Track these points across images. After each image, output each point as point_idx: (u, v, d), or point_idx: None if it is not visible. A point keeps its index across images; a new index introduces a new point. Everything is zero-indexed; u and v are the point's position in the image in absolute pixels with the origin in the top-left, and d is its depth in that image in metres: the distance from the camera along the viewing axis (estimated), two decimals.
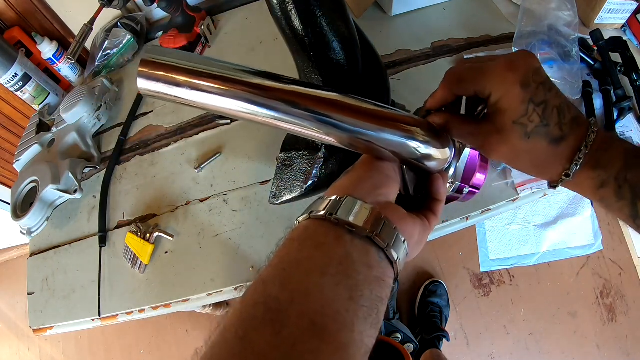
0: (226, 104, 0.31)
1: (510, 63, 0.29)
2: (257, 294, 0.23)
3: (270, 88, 0.31)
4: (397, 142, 0.31)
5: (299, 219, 0.29)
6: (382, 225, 0.27)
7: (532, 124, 0.28)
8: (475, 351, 1.30)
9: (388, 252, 0.26)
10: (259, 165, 0.64)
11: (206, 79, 0.30)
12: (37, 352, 1.65)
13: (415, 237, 0.30)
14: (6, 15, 0.74)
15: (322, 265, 0.24)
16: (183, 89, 0.30)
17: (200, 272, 0.59)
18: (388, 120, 0.31)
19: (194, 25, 0.75)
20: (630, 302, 1.30)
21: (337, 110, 0.31)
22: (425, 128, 0.32)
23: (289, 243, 0.27)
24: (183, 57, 0.31)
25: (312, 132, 0.32)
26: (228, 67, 0.31)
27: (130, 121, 0.74)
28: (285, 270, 0.24)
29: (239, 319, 0.22)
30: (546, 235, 1.33)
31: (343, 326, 0.22)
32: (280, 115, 0.31)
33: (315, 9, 0.37)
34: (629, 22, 0.64)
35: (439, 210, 0.34)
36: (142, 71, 0.31)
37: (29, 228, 0.67)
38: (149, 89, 0.31)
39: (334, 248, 0.25)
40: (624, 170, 0.28)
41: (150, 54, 0.31)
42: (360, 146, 0.33)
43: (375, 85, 0.50)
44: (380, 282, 0.25)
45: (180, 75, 0.30)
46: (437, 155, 0.32)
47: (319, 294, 0.23)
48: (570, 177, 0.29)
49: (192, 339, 1.48)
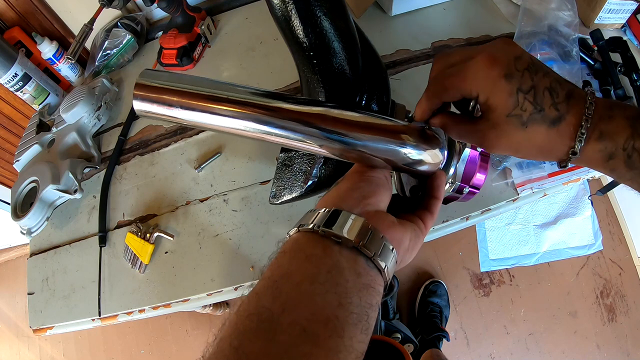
0: (216, 122, 0.33)
1: (489, 57, 0.28)
2: (251, 305, 0.24)
3: (256, 104, 0.32)
4: (387, 150, 0.32)
5: (289, 233, 0.30)
6: (369, 235, 0.27)
7: (526, 112, 0.28)
8: (475, 351, 1.30)
9: (375, 261, 0.27)
10: (259, 165, 0.64)
11: (196, 99, 0.33)
12: (37, 352, 1.65)
13: (405, 244, 0.30)
14: (6, 15, 0.74)
15: (312, 275, 0.25)
16: (176, 109, 0.33)
17: (200, 272, 0.59)
18: (376, 129, 0.32)
19: (194, 25, 0.75)
20: (630, 302, 1.30)
21: (323, 123, 0.32)
22: (415, 134, 0.32)
23: (280, 256, 0.28)
24: (175, 79, 0.34)
25: (301, 144, 0.33)
26: (216, 86, 0.33)
27: (130, 121, 0.74)
28: (276, 282, 0.25)
29: (234, 330, 0.23)
30: (546, 235, 1.33)
31: (333, 332, 0.23)
32: (268, 130, 0.33)
33: (315, 9, 0.37)
34: (629, 22, 0.64)
35: (436, 209, 0.34)
36: (137, 94, 0.33)
37: (29, 228, 0.67)
38: (144, 110, 0.34)
39: (323, 258, 0.26)
40: (631, 138, 0.27)
41: (144, 77, 0.33)
42: (350, 156, 0.33)
43: (376, 86, 0.50)
44: (370, 289, 0.26)
45: (173, 96, 0.33)
46: (429, 160, 0.32)
47: (309, 302, 0.23)
48: (577, 154, 0.29)
49: (192, 339, 1.48)
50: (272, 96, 0.34)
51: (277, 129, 0.33)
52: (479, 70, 0.28)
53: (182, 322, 1.50)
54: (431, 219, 0.33)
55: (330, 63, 0.41)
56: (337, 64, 0.41)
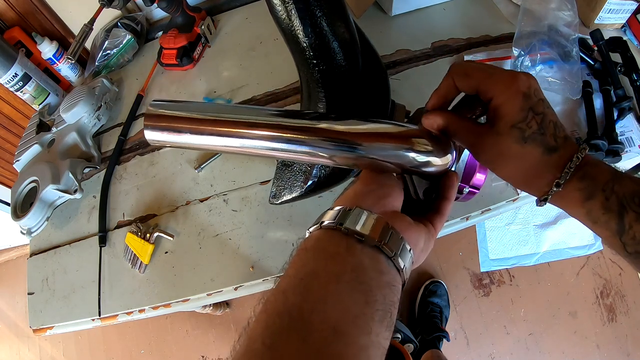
0: (224, 143, 0.35)
1: (515, 75, 0.30)
2: (279, 303, 0.25)
3: (260, 124, 0.34)
4: (398, 155, 0.32)
5: (310, 230, 0.30)
6: (390, 235, 0.28)
7: (529, 129, 0.29)
8: (475, 351, 1.30)
9: (395, 261, 0.27)
10: (259, 165, 0.64)
11: (203, 124, 0.35)
12: (37, 352, 1.65)
13: (420, 245, 0.31)
14: (6, 15, 0.74)
15: (337, 274, 0.26)
16: (185, 134, 0.35)
17: (200, 272, 0.59)
18: (385, 137, 0.32)
19: (194, 25, 0.75)
20: (630, 302, 1.30)
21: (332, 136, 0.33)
22: (427, 138, 0.32)
23: (303, 253, 0.28)
24: (182, 107, 0.36)
25: (310, 158, 0.34)
26: (221, 110, 0.35)
27: (130, 121, 0.74)
28: (302, 280, 0.26)
29: (265, 329, 0.24)
30: (546, 235, 1.33)
31: (362, 330, 0.23)
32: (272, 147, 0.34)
33: (315, 9, 0.37)
34: (629, 22, 0.64)
35: (447, 211, 0.34)
36: (147, 124, 0.35)
37: (29, 228, 0.67)
38: (155, 139, 0.36)
39: (347, 257, 0.27)
40: (612, 181, 0.28)
41: (153, 107, 0.35)
42: (361, 164, 0.34)
43: (376, 86, 0.50)
44: (391, 287, 0.27)
45: (181, 123, 0.35)
46: (439, 162, 0.33)
47: (337, 301, 0.24)
48: (561, 187, 0.29)
49: (192, 339, 1.48)
50: (279, 114, 0.34)
51: (287, 145, 0.34)
52: (504, 79, 0.30)
53: (182, 322, 1.50)
54: (441, 221, 0.34)
55: (330, 63, 0.41)
56: (337, 64, 0.41)
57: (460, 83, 0.32)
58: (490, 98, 0.30)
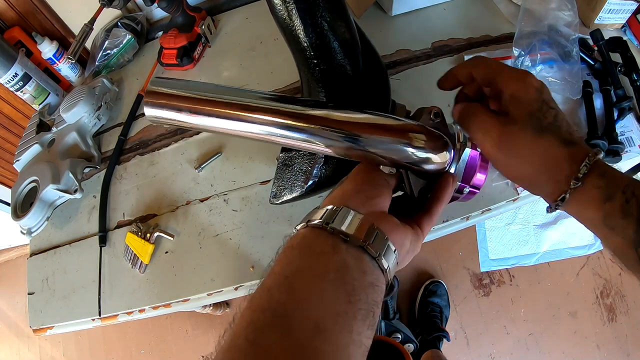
0: (221, 124, 0.35)
1: (528, 73, 0.31)
2: (264, 301, 0.25)
3: (257, 107, 0.34)
4: (394, 149, 0.32)
5: (297, 227, 0.31)
6: (375, 235, 0.28)
7: (546, 119, 0.29)
8: (475, 351, 1.30)
9: (379, 261, 0.28)
10: (259, 165, 0.64)
11: (202, 104, 0.35)
12: (37, 352, 1.65)
13: (406, 246, 0.31)
14: (6, 15, 0.74)
15: (322, 273, 0.26)
16: (184, 113, 0.35)
17: (200, 272, 0.59)
18: (384, 129, 0.32)
19: (194, 25, 0.75)
20: (630, 302, 1.30)
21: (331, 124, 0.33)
22: (422, 132, 0.32)
23: (289, 251, 0.28)
24: (182, 85, 0.36)
25: (306, 145, 0.34)
26: (220, 91, 0.35)
27: (131, 121, 0.74)
28: (287, 277, 0.26)
29: (248, 324, 0.24)
30: (546, 235, 1.33)
31: (343, 328, 0.24)
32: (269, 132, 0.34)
33: (315, 9, 0.37)
34: (629, 22, 0.64)
35: (437, 212, 0.33)
36: (147, 101, 0.35)
37: (29, 228, 0.67)
38: (155, 116, 0.36)
39: (331, 256, 0.27)
40: (632, 184, 0.27)
41: (154, 85, 0.35)
42: (355, 155, 0.34)
43: (376, 85, 0.50)
44: (375, 287, 0.27)
45: (181, 102, 0.35)
46: (437, 159, 0.32)
47: (320, 299, 0.25)
48: (580, 181, 0.28)
49: (192, 339, 1.48)
50: (277, 99, 0.34)
51: (284, 130, 0.33)
52: (519, 73, 0.31)
53: (182, 322, 1.50)
54: (429, 222, 0.33)
55: (330, 63, 0.41)
56: (338, 63, 0.41)
57: (478, 71, 0.33)
58: (502, 88, 0.31)
